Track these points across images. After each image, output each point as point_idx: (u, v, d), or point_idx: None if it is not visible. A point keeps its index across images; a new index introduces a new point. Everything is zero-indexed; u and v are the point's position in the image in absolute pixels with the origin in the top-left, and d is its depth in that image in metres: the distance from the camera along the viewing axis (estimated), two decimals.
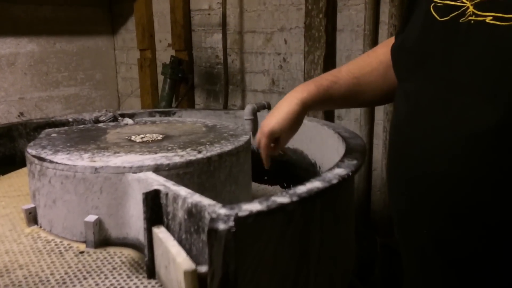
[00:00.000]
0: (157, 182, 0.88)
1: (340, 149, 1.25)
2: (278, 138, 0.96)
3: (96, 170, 0.95)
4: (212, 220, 0.68)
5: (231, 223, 0.68)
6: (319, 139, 1.43)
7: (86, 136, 1.24)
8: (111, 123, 1.46)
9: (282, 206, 0.76)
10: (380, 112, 1.78)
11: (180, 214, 0.80)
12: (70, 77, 2.66)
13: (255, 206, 0.74)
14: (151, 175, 0.93)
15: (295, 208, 0.79)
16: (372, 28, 1.70)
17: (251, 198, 1.25)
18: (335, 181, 0.87)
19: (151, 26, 2.59)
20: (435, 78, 0.65)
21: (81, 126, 1.41)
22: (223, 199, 1.08)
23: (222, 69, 2.35)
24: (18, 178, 1.38)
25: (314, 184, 0.85)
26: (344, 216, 1.01)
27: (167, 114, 1.74)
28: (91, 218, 0.95)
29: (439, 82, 0.64)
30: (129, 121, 1.45)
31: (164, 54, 2.63)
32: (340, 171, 0.92)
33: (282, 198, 0.78)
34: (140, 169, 0.95)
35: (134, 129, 1.34)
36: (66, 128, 1.36)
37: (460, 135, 0.60)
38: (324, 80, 0.93)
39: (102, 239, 0.97)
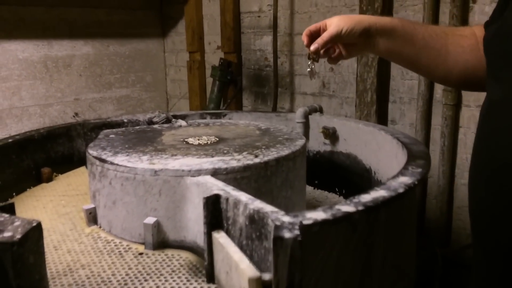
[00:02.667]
0: (217, 186, 0.87)
1: (400, 155, 1.20)
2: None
3: (155, 172, 0.95)
4: (277, 228, 0.67)
5: (297, 232, 0.66)
6: (375, 144, 1.39)
7: (143, 137, 1.25)
8: (165, 125, 1.47)
9: (347, 215, 0.74)
10: (438, 117, 1.71)
11: (241, 220, 0.79)
12: (122, 79, 2.73)
13: (319, 215, 0.72)
14: (209, 179, 0.92)
15: (360, 218, 0.76)
16: None
17: (305, 204, 1.23)
18: (401, 190, 0.84)
19: (200, 28, 2.61)
20: None
21: (137, 127, 1.43)
22: (279, 204, 1.06)
23: (270, 72, 2.33)
24: (76, 177, 1.42)
25: (379, 193, 0.81)
26: (407, 226, 0.97)
27: (218, 116, 1.74)
28: (150, 220, 0.96)
29: None
30: (182, 122, 1.47)
31: (212, 57, 2.64)
32: (405, 180, 0.89)
33: (347, 207, 0.75)
34: (199, 172, 0.95)
35: (188, 131, 1.35)
36: (123, 129, 1.39)
37: None
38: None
39: (160, 241, 0.97)
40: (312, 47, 0.91)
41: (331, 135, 1.54)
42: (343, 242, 0.76)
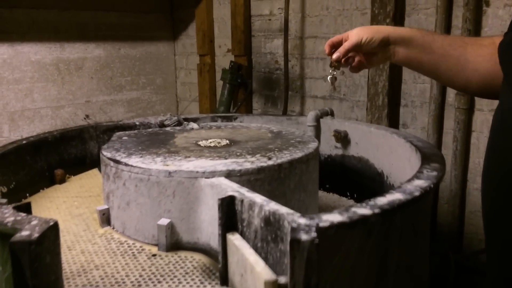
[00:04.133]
0: (231, 188, 0.87)
1: (413, 159, 1.20)
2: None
3: (169, 174, 0.95)
4: (294, 230, 0.66)
5: (314, 234, 0.65)
6: (387, 147, 1.38)
7: (156, 139, 1.26)
8: (177, 127, 1.48)
9: (364, 218, 0.73)
10: (450, 121, 1.70)
11: (256, 222, 0.78)
12: (133, 81, 2.74)
13: (335, 217, 0.71)
14: (224, 181, 0.92)
15: (376, 221, 0.75)
16: (443, 32, 1.63)
17: (318, 207, 1.22)
18: (417, 194, 0.83)
19: (211, 31, 2.62)
20: None
21: (149, 130, 1.44)
22: (292, 207, 1.05)
23: (281, 75, 2.34)
24: (89, 179, 1.43)
25: (395, 196, 0.81)
26: (421, 230, 0.96)
27: (229, 119, 1.75)
28: (164, 221, 0.96)
29: None
30: (194, 125, 1.47)
31: (223, 60, 2.65)
32: (421, 183, 0.88)
33: (363, 210, 0.75)
34: (213, 174, 0.95)
35: (201, 133, 1.35)
36: (136, 131, 1.39)
37: None
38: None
39: (173, 243, 0.97)
40: (334, 56, 0.95)
41: (342, 138, 1.53)
42: (359, 245, 0.75)
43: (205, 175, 0.95)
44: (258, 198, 0.81)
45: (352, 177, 1.56)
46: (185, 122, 1.55)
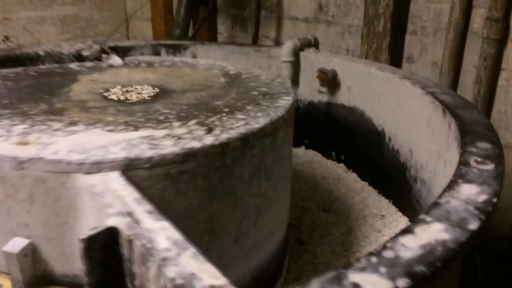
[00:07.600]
0: (122, 202, 0.47)
1: (436, 121, 0.80)
2: None
3: (20, 164, 0.53)
4: None
5: None
6: (393, 98, 0.98)
7: (43, 85, 0.81)
8: (91, 63, 1.03)
9: None
10: (473, 56, 1.29)
11: None
12: None
13: None
14: (115, 183, 0.51)
15: None
16: None
17: (289, 199, 0.82)
18: (473, 226, 0.43)
19: None
20: None
21: (43, 67, 0.98)
22: (246, 207, 0.66)
23: None
24: None
25: (435, 236, 0.41)
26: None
27: (176, 49, 1.30)
28: (17, 244, 0.55)
29: None
30: (116, 61, 1.02)
31: None
32: (473, 192, 0.48)
33: (373, 277, 0.35)
34: (98, 166, 0.53)
35: (119, 75, 0.91)
36: (20, 69, 0.94)
37: None
38: None
39: (38, 275, 0.58)
40: None
41: (329, 80, 1.14)
42: None
43: (84, 168, 0.53)
44: (162, 238, 0.40)
45: (339, 133, 1.17)
46: (110, 54, 1.09)
